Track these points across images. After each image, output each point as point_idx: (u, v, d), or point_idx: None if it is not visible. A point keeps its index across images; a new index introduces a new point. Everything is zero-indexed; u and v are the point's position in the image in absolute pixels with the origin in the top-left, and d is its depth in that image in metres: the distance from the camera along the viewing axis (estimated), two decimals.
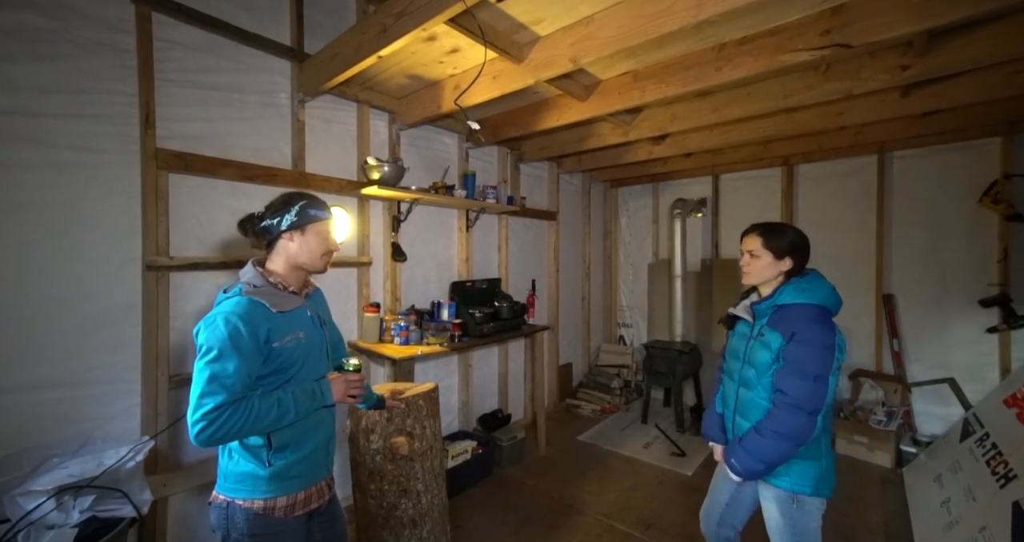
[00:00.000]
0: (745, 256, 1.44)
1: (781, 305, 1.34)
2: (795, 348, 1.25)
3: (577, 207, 4.51)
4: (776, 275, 1.39)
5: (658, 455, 3.17)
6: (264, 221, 1.22)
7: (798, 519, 1.31)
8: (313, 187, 2.27)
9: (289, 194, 1.27)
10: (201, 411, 1.00)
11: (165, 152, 1.78)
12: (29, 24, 1.54)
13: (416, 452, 1.71)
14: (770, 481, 1.34)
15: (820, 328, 1.26)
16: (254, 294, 1.13)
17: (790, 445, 1.23)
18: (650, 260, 4.69)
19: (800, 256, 1.38)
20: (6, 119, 1.51)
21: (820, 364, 1.23)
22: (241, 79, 2.02)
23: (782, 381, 1.26)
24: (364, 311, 2.47)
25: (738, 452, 1.32)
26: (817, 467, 1.30)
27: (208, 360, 1.03)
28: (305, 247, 1.23)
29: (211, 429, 1.00)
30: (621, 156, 3.64)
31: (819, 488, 1.30)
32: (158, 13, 1.78)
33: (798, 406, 1.22)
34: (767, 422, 1.26)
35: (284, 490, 1.16)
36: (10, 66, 1.51)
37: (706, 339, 4.04)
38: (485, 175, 3.27)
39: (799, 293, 1.33)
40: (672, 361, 3.57)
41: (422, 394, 1.77)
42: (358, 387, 1.30)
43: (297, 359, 1.17)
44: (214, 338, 1.04)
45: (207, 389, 1.01)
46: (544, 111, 2.71)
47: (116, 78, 1.70)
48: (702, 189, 4.23)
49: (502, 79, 2.11)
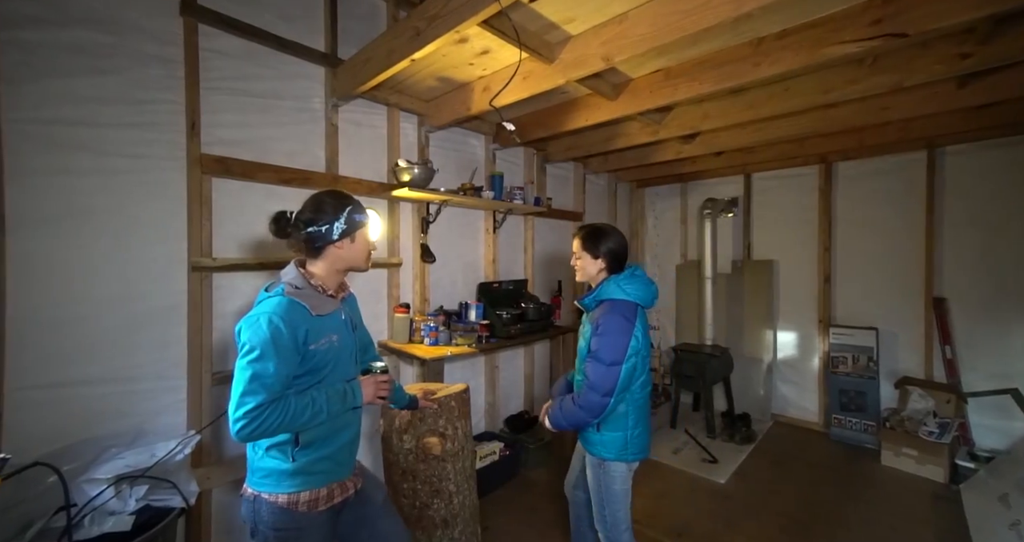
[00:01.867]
0: (573, 257, 1.65)
1: (601, 300, 1.51)
2: (596, 339, 1.44)
3: (603, 208, 4.46)
4: (598, 272, 1.57)
5: (688, 461, 3.10)
6: (311, 228, 1.20)
7: (604, 480, 1.55)
8: (345, 189, 2.31)
9: (333, 198, 1.25)
10: (244, 409, 1.03)
11: (208, 157, 1.85)
12: (90, 40, 1.63)
13: (448, 453, 1.72)
14: (588, 449, 1.59)
15: (619, 321, 1.43)
16: (296, 296, 1.14)
17: (585, 416, 1.46)
18: (678, 261, 4.59)
19: (613, 257, 1.56)
20: (69, 129, 1.60)
21: (615, 352, 1.40)
22: (278, 85, 2.08)
23: (588, 368, 1.46)
24: (394, 312, 2.50)
25: (556, 410, 1.56)
26: (622, 438, 1.52)
27: (250, 359, 1.05)
28: (353, 252, 1.26)
29: (252, 426, 1.03)
30: (649, 156, 3.57)
31: (621, 454, 1.52)
32: (204, 24, 1.85)
33: (593, 388, 1.42)
34: (577, 397, 1.49)
35: (307, 485, 1.18)
36: (73, 80, 1.61)
37: (738, 342, 3.93)
38: (512, 176, 3.28)
39: (616, 289, 1.49)
40: (702, 365, 3.48)
41: (454, 395, 1.78)
42: (386, 388, 1.33)
43: (329, 361, 1.19)
44: (256, 338, 1.06)
45: (249, 388, 1.04)
46: (572, 111, 2.69)
47: (165, 88, 1.78)
48: (732, 189, 4.11)
49: (532, 79, 2.10)
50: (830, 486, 2.80)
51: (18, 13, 1.52)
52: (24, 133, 1.53)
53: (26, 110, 1.54)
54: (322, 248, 1.22)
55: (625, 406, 1.50)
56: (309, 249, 1.23)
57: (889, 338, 3.34)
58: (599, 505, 1.58)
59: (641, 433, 1.54)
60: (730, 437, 3.39)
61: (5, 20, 1.50)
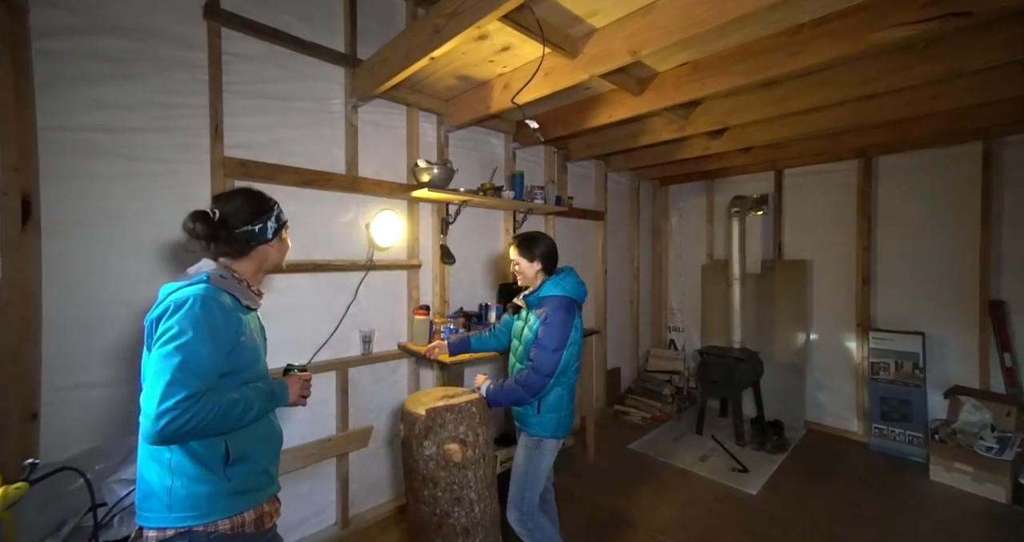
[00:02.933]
0: (512, 264, 1.83)
1: (542, 296, 1.73)
2: (544, 329, 1.64)
3: (625, 207, 4.36)
4: (536, 274, 1.79)
5: (716, 469, 2.98)
6: (247, 227, 1.11)
7: (536, 459, 1.72)
8: (365, 191, 2.31)
9: (262, 197, 1.18)
10: (173, 399, 0.87)
11: (231, 160, 1.86)
12: (118, 47, 1.66)
13: (469, 460, 1.67)
14: (525, 430, 1.76)
15: (562, 314, 1.66)
16: (223, 285, 1.06)
17: (525, 395, 1.66)
18: (703, 261, 4.44)
19: (547, 260, 1.79)
20: (99, 135, 1.63)
21: (559, 340, 1.64)
22: (298, 87, 2.09)
23: (533, 353, 1.65)
24: (414, 314, 2.48)
25: (498, 390, 1.73)
26: (556, 418, 1.72)
27: (180, 343, 0.91)
28: (281, 251, 1.22)
29: (182, 421, 0.88)
30: (674, 153, 3.45)
31: (556, 432, 1.72)
32: (226, 28, 1.86)
33: (538, 370, 1.63)
34: (519, 378, 1.67)
35: (249, 503, 1.04)
36: (102, 87, 1.63)
37: (768, 346, 3.76)
38: (532, 175, 3.22)
39: (555, 287, 1.73)
40: (729, 369, 3.34)
41: (475, 400, 1.74)
42: (308, 387, 1.27)
43: (252, 360, 1.09)
44: (187, 320, 0.93)
45: (178, 376, 0.89)
46: (594, 108, 2.61)
47: (190, 92, 1.80)
48: (762, 186, 3.94)
49: (554, 75, 2.04)
50: (872, 501, 2.64)
51: (53, 23, 1.55)
52: (57, 139, 1.56)
53: (59, 117, 1.57)
54: (253, 248, 1.14)
55: (560, 389, 1.72)
56: (238, 250, 1.12)
57: (937, 344, 3.13)
58: (521, 486, 1.72)
59: (570, 413, 1.77)
60: (760, 445, 3.25)
61: (40, 30, 1.53)
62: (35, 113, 1.53)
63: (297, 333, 2.10)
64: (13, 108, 1.49)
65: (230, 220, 1.10)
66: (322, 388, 2.20)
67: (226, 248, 1.11)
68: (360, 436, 2.32)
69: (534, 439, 1.73)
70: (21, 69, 1.51)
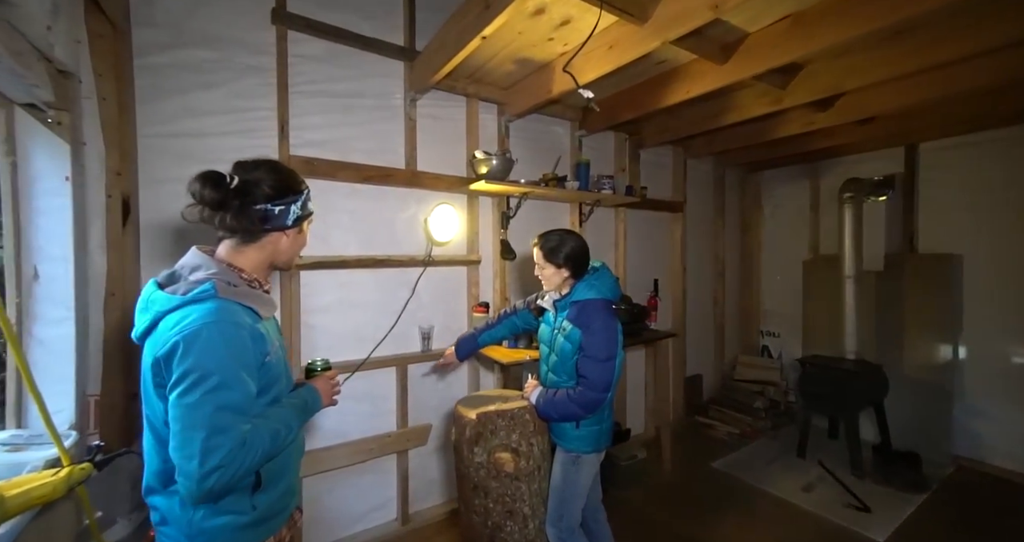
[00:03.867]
0: (536, 266, 1.65)
1: (576, 300, 1.56)
2: (590, 338, 1.49)
3: (707, 197, 3.91)
4: (563, 280, 1.61)
5: (825, 503, 2.50)
6: (268, 205, 0.90)
7: (573, 476, 1.57)
8: (424, 185, 2.28)
9: (284, 171, 0.97)
10: (218, 457, 0.75)
11: (296, 158, 1.92)
12: (201, 58, 1.78)
13: (522, 471, 1.54)
14: (563, 445, 1.60)
15: (606, 319, 1.51)
16: (235, 296, 0.86)
17: (581, 412, 1.50)
18: (805, 257, 3.83)
19: (576, 265, 1.60)
20: (182, 141, 1.76)
21: (609, 348, 1.48)
22: (359, 85, 2.11)
23: (583, 367, 1.49)
24: (473, 311, 2.41)
25: (548, 402, 1.55)
26: (596, 431, 1.57)
27: (207, 389, 0.76)
28: (296, 246, 1.01)
29: (229, 474, 0.76)
30: (767, 131, 2.99)
31: (596, 446, 1.58)
32: (293, 31, 1.93)
33: (593, 386, 1.47)
34: (574, 394, 1.50)
35: (269, 532, 0.94)
36: (188, 96, 1.77)
37: (895, 358, 3.10)
38: (599, 165, 2.99)
39: (589, 289, 1.57)
40: (840, 384, 2.81)
41: (528, 407, 1.60)
42: (338, 386, 1.15)
43: (278, 376, 0.94)
44: (209, 358, 0.77)
45: (217, 427, 0.76)
46: (669, 84, 2.33)
47: (260, 95, 1.89)
48: (885, 165, 3.27)
49: (620, 48, 1.83)
50: None
51: (152, 41, 1.70)
52: (153, 146, 1.72)
53: (155, 126, 1.73)
54: (265, 233, 0.93)
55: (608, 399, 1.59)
56: (247, 229, 0.92)
57: None
58: (559, 504, 1.58)
59: (610, 426, 1.64)
60: (887, 480, 2.67)
61: (142, 48, 1.69)
62: (135, 122, 1.69)
63: (357, 327, 2.12)
64: (116, 119, 1.65)
65: (248, 191, 0.90)
66: (382, 382, 2.21)
67: (234, 224, 0.89)
68: (419, 434, 2.29)
69: (572, 455, 1.58)
70: (124, 84, 1.67)
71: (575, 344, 1.52)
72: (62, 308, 1.16)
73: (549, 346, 1.65)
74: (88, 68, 1.53)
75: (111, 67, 1.64)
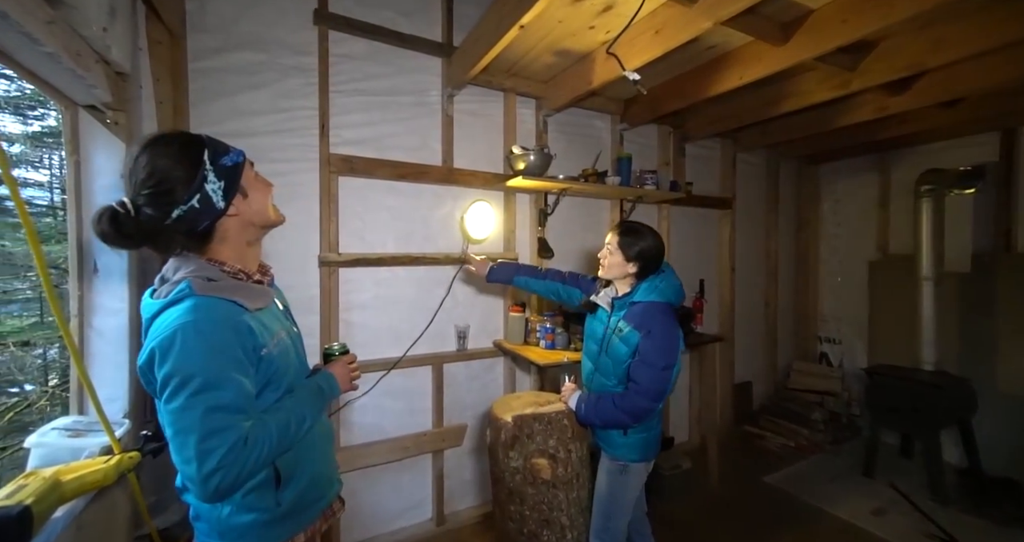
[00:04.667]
0: (605, 249, 1.55)
1: (637, 301, 1.47)
2: (648, 343, 1.39)
3: (759, 192, 3.66)
4: (623, 275, 1.51)
5: (900, 532, 2.23)
6: (177, 210, 0.76)
7: (620, 486, 1.49)
8: (460, 182, 2.26)
9: (176, 149, 0.78)
10: (215, 458, 0.71)
11: (336, 157, 1.95)
12: (248, 60, 1.84)
13: (560, 479, 1.47)
14: (611, 453, 1.51)
15: (668, 325, 1.42)
16: (215, 291, 0.78)
17: (628, 420, 1.41)
18: (872, 256, 3.50)
19: (646, 262, 1.48)
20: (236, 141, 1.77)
21: (668, 355, 1.39)
22: (397, 82, 2.11)
23: (636, 372, 1.40)
24: (510, 310, 2.36)
25: (590, 408, 1.48)
26: (645, 439, 1.49)
27: (192, 391, 0.72)
28: (254, 207, 0.87)
29: (234, 473, 0.73)
30: (830, 119, 2.74)
31: (645, 454, 1.50)
32: (333, 30, 1.96)
33: (644, 394, 1.38)
34: (621, 400, 1.42)
35: (301, 524, 0.92)
36: (236, 97, 1.83)
37: (984, 371, 2.74)
38: (642, 159, 2.85)
39: (652, 291, 1.47)
40: (918, 398, 2.52)
41: (568, 412, 1.52)
42: (356, 369, 1.10)
43: (286, 366, 0.88)
44: (187, 360, 0.72)
45: (209, 428, 0.72)
46: (720, 70, 2.17)
47: (303, 95, 1.93)
48: (973, 153, 2.91)
49: (667, 32, 1.71)
50: None
51: (206, 46, 1.77)
52: None
53: (206, 127, 1.77)
54: (212, 227, 0.82)
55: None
56: (193, 239, 0.82)
57: None
58: (604, 517, 1.50)
59: (659, 433, 1.56)
60: (978, 510, 2.35)
61: (196, 53, 1.76)
62: (189, 124, 1.77)
63: (394, 324, 2.12)
64: (171, 121, 1.72)
65: (152, 205, 0.75)
66: (419, 381, 2.20)
67: (179, 242, 0.82)
68: (455, 434, 2.27)
69: (619, 464, 1.50)
70: (180, 88, 1.75)
71: (631, 347, 1.43)
72: (117, 300, 1.22)
73: (599, 345, 1.57)
74: (148, 73, 1.61)
75: (168, 72, 1.71)
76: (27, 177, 2.21)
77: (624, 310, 1.49)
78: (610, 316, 1.54)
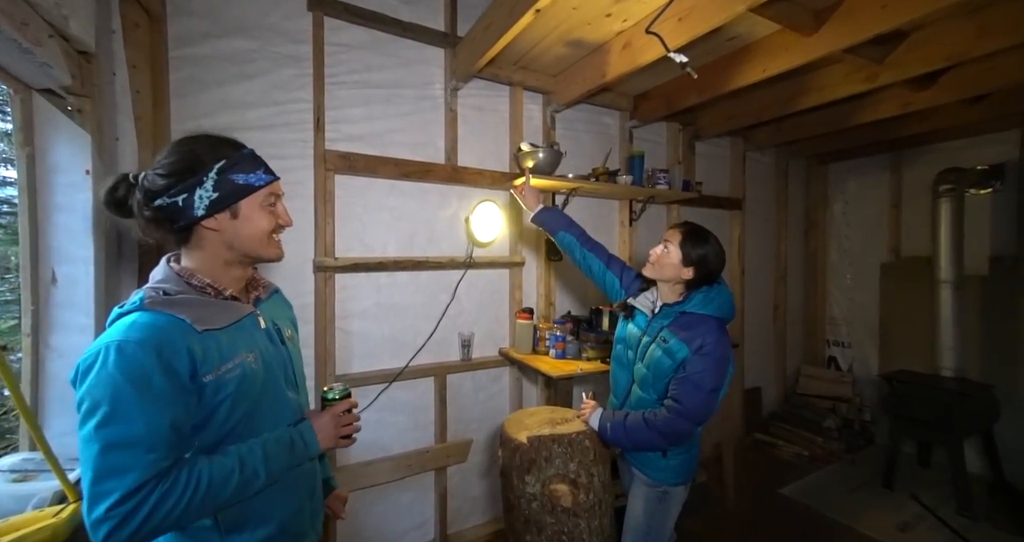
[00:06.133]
0: (661, 246, 1.41)
1: (688, 312, 1.33)
2: (698, 361, 1.27)
3: (768, 192, 3.56)
4: (675, 279, 1.37)
5: None
6: (160, 199, 0.74)
7: (660, 513, 1.39)
8: (466, 181, 2.12)
9: (200, 146, 0.78)
10: (104, 505, 0.61)
11: (333, 153, 1.80)
12: (239, 48, 1.68)
13: (581, 506, 1.33)
14: (649, 476, 1.39)
15: (723, 344, 1.29)
16: (164, 306, 0.71)
17: (665, 443, 1.30)
18: (885, 258, 3.41)
19: (703, 271, 1.35)
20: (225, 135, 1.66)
21: (717, 377, 1.27)
22: (399, 74, 1.97)
23: (680, 390, 1.27)
24: (516, 317, 2.22)
25: (618, 428, 1.34)
26: (687, 460, 1.39)
27: (96, 422, 0.63)
28: (242, 231, 0.78)
29: (128, 528, 0.61)
30: (850, 116, 2.63)
31: (686, 477, 1.41)
32: (329, 17, 1.81)
33: (687, 416, 1.26)
34: (657, 421, 1.28)
35: None
36: (226, 88, 1.67)
37: (1008, 377, 2.65)
38: (653, 157, 2.73)
39: (707, 304, 1.33)
40: (941, 405, 2.42)
41: (588, 432, 1.39)
42: (352, 421, 0.91)
43: (248, 395, 0.76)
44: (99, 386, 0.63)
45: (104, 468, 0.62)
46: (741, 63, 2.05)
47: (297, 87, 1.78)
48: (993, 152, 2.82)
49: (692, 19, 1.59)
50: None
51: (192, 30, 1.62)
52: None
53: (192, 120, 1.63)
54: (188, 230, 0.77)
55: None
56: (168, 233, 0.78)
57: None
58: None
59: (698, 452, 1.45)
60: (1015, 524, 2.24)
61: (180, 39, 1.60)
62: (169, 116, 1.61)
63: (395, 334, 1.98)
64: (150, 112, 1.56)
65: (147, 186, 0.74)
66: (422, 393, 2.06)
67: (154, 232, 0.77)
68: (459, 449, 2.13)
69: (658, 489, 1.39)
70: (160, 76, 1.59)
71: (676, 361, 1.30)
72: (82, 315, 1.06)
73: (634, 350, 1.43)
74: (123, 60, 1.45)
75: (146, 59, 1.55)
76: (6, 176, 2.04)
77: (670, 319, 1.35)
78: (649, 322, 1.40)
